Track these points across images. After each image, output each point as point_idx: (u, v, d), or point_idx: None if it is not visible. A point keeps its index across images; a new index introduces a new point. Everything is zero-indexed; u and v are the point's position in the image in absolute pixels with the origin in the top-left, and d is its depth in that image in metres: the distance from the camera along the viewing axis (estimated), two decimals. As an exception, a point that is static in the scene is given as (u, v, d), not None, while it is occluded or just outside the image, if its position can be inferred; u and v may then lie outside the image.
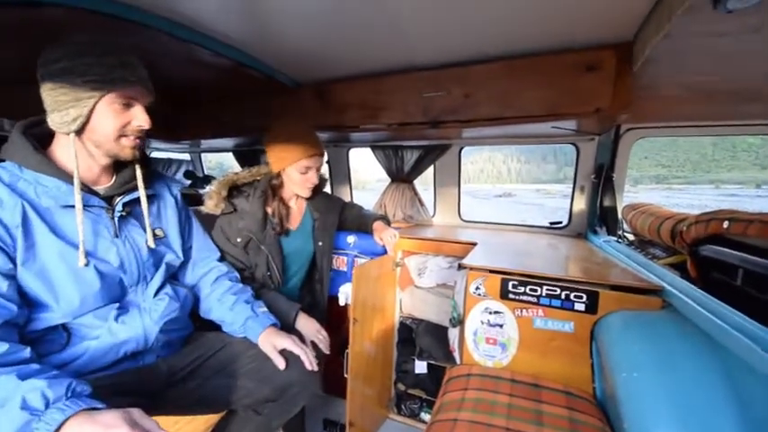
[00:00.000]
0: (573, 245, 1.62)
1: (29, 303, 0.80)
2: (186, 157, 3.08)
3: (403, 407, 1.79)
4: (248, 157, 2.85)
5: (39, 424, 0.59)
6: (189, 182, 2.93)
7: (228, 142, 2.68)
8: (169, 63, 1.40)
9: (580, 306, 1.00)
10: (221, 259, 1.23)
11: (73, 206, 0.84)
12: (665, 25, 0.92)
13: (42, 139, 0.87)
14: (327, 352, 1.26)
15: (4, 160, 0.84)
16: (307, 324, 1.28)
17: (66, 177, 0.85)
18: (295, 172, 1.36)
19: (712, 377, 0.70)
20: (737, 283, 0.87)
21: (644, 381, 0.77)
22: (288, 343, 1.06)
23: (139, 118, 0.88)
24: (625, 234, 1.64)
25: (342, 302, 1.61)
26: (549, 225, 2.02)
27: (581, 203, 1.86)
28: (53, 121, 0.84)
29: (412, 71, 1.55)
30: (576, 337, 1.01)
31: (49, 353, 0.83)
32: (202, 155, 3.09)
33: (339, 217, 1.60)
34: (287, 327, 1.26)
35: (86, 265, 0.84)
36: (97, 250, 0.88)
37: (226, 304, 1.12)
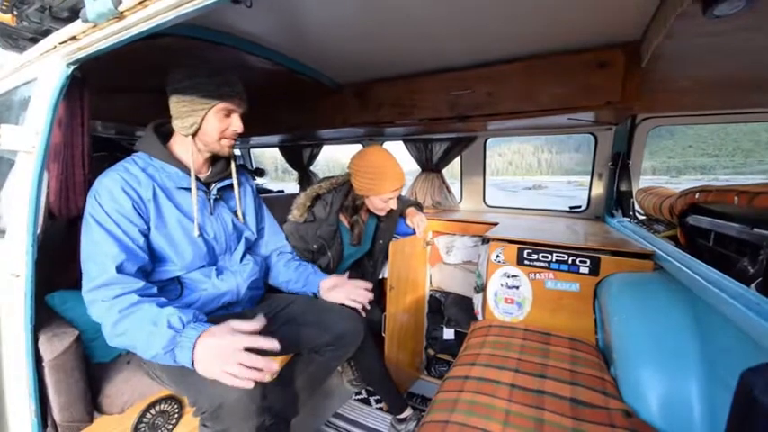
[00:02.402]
0: (590, 226, 1.78)
1: (156, 258, 1.09)
2: (237, 152, 3.44)
3: (432, 369, 2.03)
4: (293, 151, 3.16)
5: (180, 338, 0.86)
6: (240, 174, 3.28)
7: (274, 139, 2.99)
8: (238, 73, 1.70)
9: (584, 269, 1.19)
10: (285, 239, 1.49)
11: (186, 188, 1.13)
12: (665, 28, 1.07)
13: (164, 135, 1.15)
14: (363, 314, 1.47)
15: (137, 152, 1.14)
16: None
17: (182, 166, 1.12)
18: (379, 200, 1.51)
19: (684, 320, 0.88)
20: (711, 245, 1.03)
21: (631, 323, 0.96)
22: (342, 298, 1.33)
23: (236, 124, 1.11)
24: (637, 215, 1.77)
25: (379, 276, 1.87)
26: (569, 209, 2.17)
27: (599, 189, 2.00)
28: (176, 125, 1.10)
29: (441, 72, 1.76)
30: (581, 295, 1.20)
31: (168, 300, 1.13)
32: (251, 150, 3.44)
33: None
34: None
35: (199, 234, 1.12)
36: (201, 222, 1.17)
37: (291, 267, 1.40)
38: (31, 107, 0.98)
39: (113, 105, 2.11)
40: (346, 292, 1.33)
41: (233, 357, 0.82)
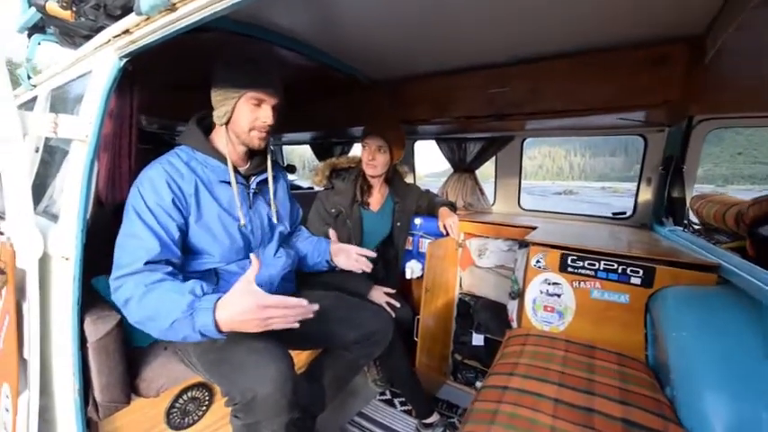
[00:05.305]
0: (636, 234, 1.65)
1: (195, 250, 1.10)
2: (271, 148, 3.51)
3: (459, 375, 1.97)
4: (324, 148, 3.19)
5: (200, 302, 0.85)
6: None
7: (306, 135, 3.02)
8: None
9: (636, 280, 1.10)
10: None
11: (226, 181, 1.14)
12: (738, 18, 0.97)
13: (206, 129, 1.17)
14: (393, 313, 1.49)
15: (180, 145, 1.16)
16: (378, 294, 1.54)
17: (223, 159, 1.13)
18: (363, 153, 1.62)
19: (756, 339, 0.79)
20: (791, 259, 0.92)
21: (694, 341, 0.87)
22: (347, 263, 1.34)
23: (265, 115, 1.09)
24: (692, 224, 1.64)
25: (408, 276, 1.84)
26: (612, 216, 2.04)
27: (647, 194, 1.87)
28: (215, 116, 1.12)
29: (479, 69, 1.69)
30: (630, 307, 1.11)
31: (204, 290, 1.14)
32: (282, 147, 3.50)
33: (416, 203, 1.83)
34: (361, 297, 1.51)
35: (244, 225, 1.13)
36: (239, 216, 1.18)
37: (308, 242, 1.44)
38: (85, 98, 1.02)
39: (157, 101, 2.19)
40: (347, 253, 1.35)
41: (260, 314, 0.83)
